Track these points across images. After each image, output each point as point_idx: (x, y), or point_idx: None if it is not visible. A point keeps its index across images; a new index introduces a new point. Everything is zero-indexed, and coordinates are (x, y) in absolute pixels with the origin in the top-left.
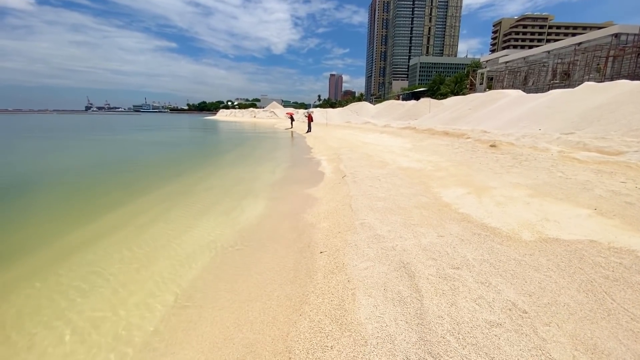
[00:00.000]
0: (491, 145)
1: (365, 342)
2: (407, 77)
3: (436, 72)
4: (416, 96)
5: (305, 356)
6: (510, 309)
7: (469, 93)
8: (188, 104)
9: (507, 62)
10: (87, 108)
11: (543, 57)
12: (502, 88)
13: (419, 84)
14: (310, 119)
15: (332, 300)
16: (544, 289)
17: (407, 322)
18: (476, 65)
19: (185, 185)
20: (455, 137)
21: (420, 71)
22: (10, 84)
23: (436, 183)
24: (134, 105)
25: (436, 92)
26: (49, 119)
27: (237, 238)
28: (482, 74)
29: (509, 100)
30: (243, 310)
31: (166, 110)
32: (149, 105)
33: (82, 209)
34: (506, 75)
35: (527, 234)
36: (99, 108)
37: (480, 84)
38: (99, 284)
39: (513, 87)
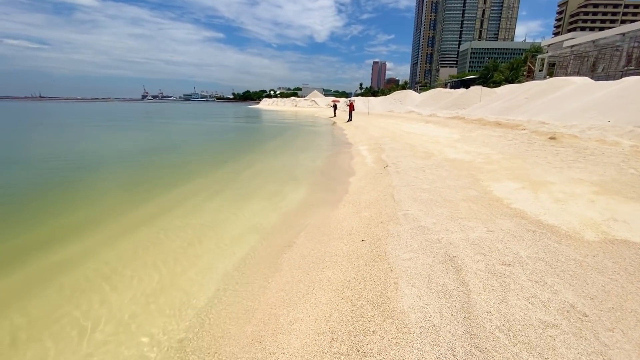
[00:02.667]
0: (550, 138)
1: (408, 330)
2: (457, 63)
3: (489, 58)
4: (466, 84)
5: (348, 337)
6: (568, 311)
7: (526, 81)
8: (233, 93)
9: (572, 46)
10: (143, 97)
11: (617, 40)
12: (566, 75)
13: (469, 71)
14: (351, 107)
15: (374, 288)
16: (608, 293)
17: (452, 315)
18: (536, 50)
19: (233, 170)
20: (509, 128)
21: (471, 57)
22: (78, 74)
23: (486, 176)
24: (184, 94)
25: (488, 79)
26: (113, 106)
27: (281, 222)
28: (543, 59)
29: (573, 89)
30: (287, 289)
31: (213, 99)
32: (197, 94)
33: (146, 187)
34: (571, 61)
35: (591, 233)
36: (154, 97)
37: (540, 71)
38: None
39: (579, 74)
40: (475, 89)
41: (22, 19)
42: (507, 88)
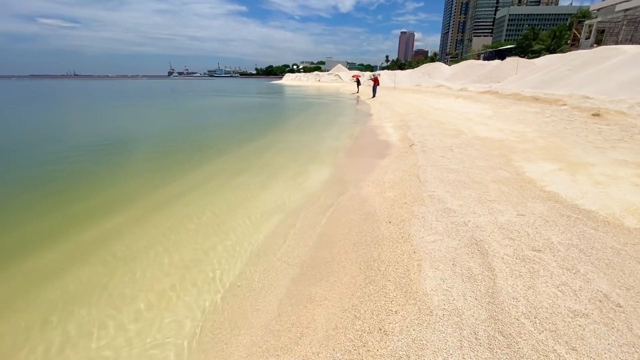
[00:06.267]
0: (594, 114)
1: (431, 312)
2: (492, 32)
3: (529, 25)
4: (501, 55)
5: (370, 316)
6: (600, 301)
7: (570, 50)
8: (256, 69)
9: (626, 9)
10: (170, 74)
11: None
12: (617, 43)
13: (505, 40)
14: (376, 82)
15: (397, 269)
16: None
17: (476, 299)
18: (583, 15)
19: (257, 148)
20: (548, 104)
21: (508, 25)
22: (108, 52)
23: (519, 156)
24: (208, 70)
25: (527, 49)
26: (144, 83)
27: (304, 202)
28: (591, 25)
29: (623, 59)
30: (312, 268)
31: (236, 75)
32: (221, 70)
33: (175, 166)
34: (623, 27)
35: (632, 220)
36: (179, 73)
37: (587, 39)
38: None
39: (632, 42)
40: (511, 60)
41: None
42: (547, 59)
